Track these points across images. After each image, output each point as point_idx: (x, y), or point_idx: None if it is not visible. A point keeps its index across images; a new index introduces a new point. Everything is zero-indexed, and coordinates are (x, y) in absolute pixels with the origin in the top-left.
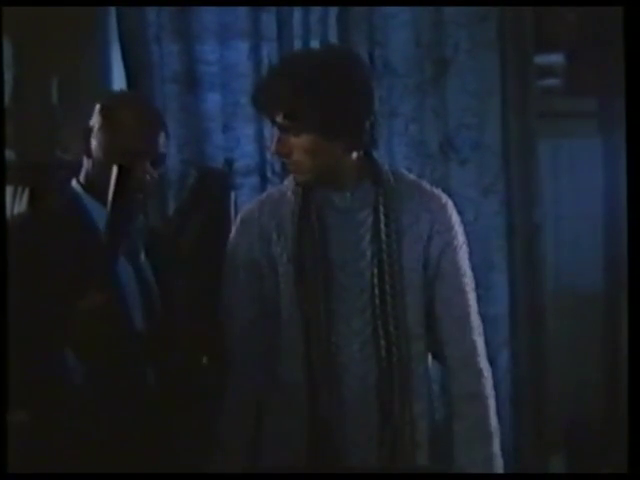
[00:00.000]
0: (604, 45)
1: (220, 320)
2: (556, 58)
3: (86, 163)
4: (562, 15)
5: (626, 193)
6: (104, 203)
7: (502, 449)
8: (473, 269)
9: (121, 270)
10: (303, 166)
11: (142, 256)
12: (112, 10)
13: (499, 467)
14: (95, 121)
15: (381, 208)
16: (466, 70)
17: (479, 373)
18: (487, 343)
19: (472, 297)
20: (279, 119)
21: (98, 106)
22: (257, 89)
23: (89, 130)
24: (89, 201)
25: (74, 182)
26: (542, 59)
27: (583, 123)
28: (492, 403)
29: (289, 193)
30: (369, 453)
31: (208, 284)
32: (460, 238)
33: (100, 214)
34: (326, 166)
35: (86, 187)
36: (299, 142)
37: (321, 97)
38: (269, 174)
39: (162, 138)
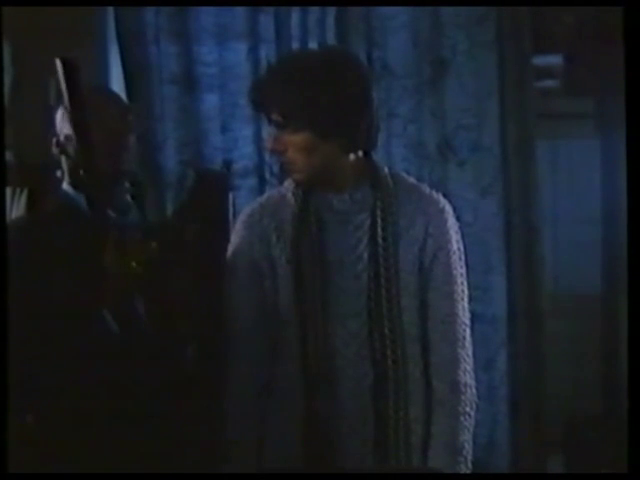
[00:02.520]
0: (602, 46)
1: (220, 320)
2: (554, 59)
3: (68, 163)
4: (560, 16)
5: (625, 193)
6: (95, 198)
7: (500, 448)
8: (471, 270)
9: None
10: (297, 164)
11: None
12: (110, 11)
13: None
14: (64, 121)
15: (378, 212)
16: (464, 71)
17: (454, 385)
18: (486, 344)
19: (461, 307)
20: (274, 116)
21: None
22: (254, 86)
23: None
24: (81, 200)
25: (65, 184)
26: (540, 60)
27: (581, 124)
28: (464, 421)
29: (289, 195)
30: (364, 455)
31: (207, 285)
32: (454, 244)
33: (94, 209)
34: (321, 166)
35: (76, 186)
36: (293, 140)
37: (316, 96)
38: (267, 175)
39: (130, 116)
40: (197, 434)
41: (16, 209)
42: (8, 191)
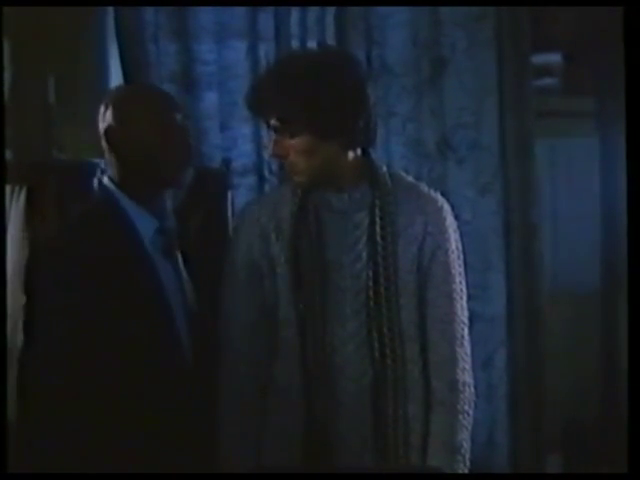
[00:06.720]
0: (601, 44)
1: (219, 320)
2: (553, 57)
3: (114, 161)
4: (559, 14)
5: (625, 192)
6: (137, 200)
7: (499, 448)
8: (470, 269)
9: (161, 269)
10: (299, 167)
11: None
12: (110, 10)
13: None
14: (113, 117)
15: (377, 211)
16: (463, 69)
17: (453, 384)
18: (484, 342)
19: (459, 305)
20: (273, 121)
21: (114, 102)
22: (250, 92)
23: (110, 127)
24: (123, 199)
25: (106, 180)
26: (539, 58)
27: (580, 122)
28: (463, 419)
29: (288, 194)
30: (364, 454)
31: (206, 284)
32: (453, 243)
33: (134, 211)
34: (322, 167)
35: (119, 185)
36: (294, 144)
37: (313, 98)
38: (266, 174)
39: (183, 121)
40: (196, 433)
41: (15, 208)
42: (7, 189)
